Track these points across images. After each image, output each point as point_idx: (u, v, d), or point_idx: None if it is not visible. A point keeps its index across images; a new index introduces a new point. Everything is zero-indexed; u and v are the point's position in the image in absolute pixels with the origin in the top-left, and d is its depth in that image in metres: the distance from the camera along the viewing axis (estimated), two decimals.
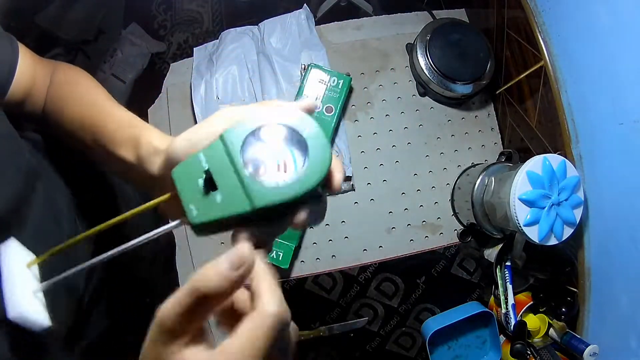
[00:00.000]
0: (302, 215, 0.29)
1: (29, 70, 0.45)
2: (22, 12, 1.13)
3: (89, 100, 0.44)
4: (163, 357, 0.25)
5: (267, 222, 0.29)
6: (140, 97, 0.78)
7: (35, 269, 0.34)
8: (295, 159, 0.28)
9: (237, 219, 0.28)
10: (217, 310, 0.27)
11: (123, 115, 0.41)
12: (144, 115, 0.84)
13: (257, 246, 0.28)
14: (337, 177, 0.30)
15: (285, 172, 0.28)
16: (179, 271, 0.78)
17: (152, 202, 0.30)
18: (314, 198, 0.30)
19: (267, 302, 0.25)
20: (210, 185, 0.28)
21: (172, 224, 0.29)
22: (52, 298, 0.36)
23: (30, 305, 0.31)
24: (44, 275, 0.34)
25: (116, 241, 0.31)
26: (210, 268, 0.25)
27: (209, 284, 0.24)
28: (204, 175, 0.28)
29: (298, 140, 0.29)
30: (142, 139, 0.37)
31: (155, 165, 0.35)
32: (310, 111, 0.31)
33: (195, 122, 0.80)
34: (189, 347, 0.26)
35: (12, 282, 0.32)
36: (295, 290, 0.82)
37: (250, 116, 0.29)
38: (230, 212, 0.27)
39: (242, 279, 0.25)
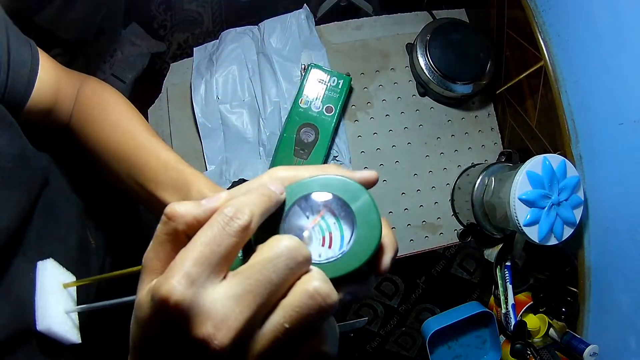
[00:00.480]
0: (339, 296, 0.24)
1: (51, 82, 0.43)
2: (22, 12, 1.13)
3: (124, 129, 0.42)
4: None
5: None
6: (140, 97, 0.78)
7: (73, 290, 0.35)
8: (344, 234, 0.26)
9: None
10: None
11: (167, 156, 0.39)
12: (144, 115, 0.84)
13: None
14: (386, 259, 0.27)
15: (329, 247, 0.26)
16: None
17: None
18: (356, 279, 0.26)
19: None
20: (249, 247, 0.25)
21: None
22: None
23: (59, 323, 0.32)
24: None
25: (134, 256, 0.30)
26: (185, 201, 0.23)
27: (177, 208, 0.23)
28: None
29: (349, 215, 0.26)
30: (193, 187, 0.36)
31: None
32: (370, 183, 0.29)
33: (195, 122, 0.80)
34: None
35: (45, 297, 0.33)
36: None
37: (303, 181, 0.27)
38: None
39: (211, 213, 0.23)
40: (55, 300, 0.33)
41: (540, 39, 0.71)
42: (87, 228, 0.47)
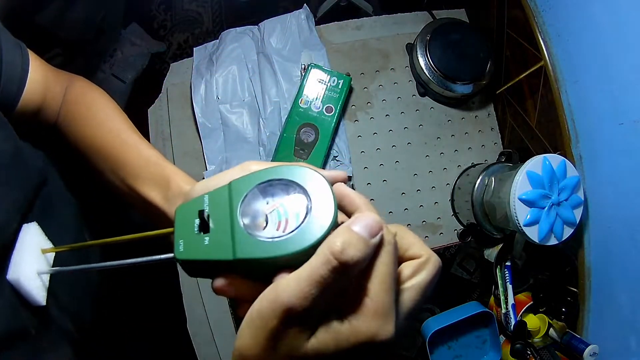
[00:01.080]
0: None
1: (41, 82, 0.44)
2: (22, 12, 1.13)
3: (109, 127, 0.43)
4: (295, 345, 0.22)
5: (251, 277, 0.28)
6: (140, 97, 0.78)
7: (50, 256, 0.36)
8: (299, 220, 0.26)
9: (222, 266, 0.27)
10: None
11: (148, 152, 0.41)
12: (144, 115, 0.84)
13: (238, 298, 0.28)
14: (336, 240, 0.25)
15: (284, 231, 0.26)
16: (180, 273, 0.78)
17: (155, 232, 0.31)
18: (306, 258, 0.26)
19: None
20: (204, 227, 0.28)
21: (164, 256, 0.29)
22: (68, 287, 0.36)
23: (30, 280, 0.33)
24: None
25: (120, 251, 0.32)
26: (343, 235, 0.23)
27: (352, 252, 0.22)
28: (199, 216, 0.28)
29: (306, 204, 0.27)
30: (172, 181, 0.37)
31: (175, 207, 0.35)
32: (341, 181, 0.30)
33: (195, 122, 0.80)
34: (328, 327, 0.23)
35: (21, 254, 0.34)
36: None
37: (267, 170, 0.29)
38: (213, 256, 0.27)
39: (375, 247, 0.23)
40: (30, 259, 0.34)
41: (540, 39, 0.71)
42: (84, 229, 0.47)
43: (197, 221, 0.28)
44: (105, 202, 0.55)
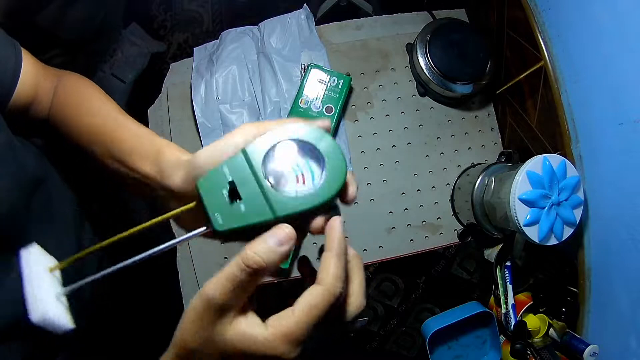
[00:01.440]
0: (318, 223, 0.31)
1: (32, 77, 0.45)
2: (22, 12, 1.13)
3: (100, 111, 0.44)
4: (217, 332, 0.28)
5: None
6: (140, 97, 0.78)
7: (57, 273, 0.35)
8: (313, 172, 0.31)
9: (260, 227, 0.30)
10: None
11: (141, 129, 0.42)
12: (144, 115, 0.84)
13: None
14: (352, 189, 0.32)
15: (304, 183, 0.30)
16: (180, 273, 0.78)
17: (176, 211, 0.32)
18: (330, 208, 0.32)
19: (336, 280, 0.28)
20: (234, 195, 0.30)
21: (199, 230, 0.31)
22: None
23: (53, 309, 0.32)
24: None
25: (128, 248, 0.32)
26: (258, 245, 0.28)
27: (261, 260, 0.27)
28: (228, 186, 0.30)
29: (316, 155, 0.31)
30: (166, 151, 0.37)
31: (177, 177, 0.35)
32: (326, 130, 0.33)
33: (195, 122, 0.80)
34: (241, 318, 0.29)
35: (34, 285, 0.32)
36: (295, 290, 0.82)
37: (271, 132, 0.31)
38: (254, 220, 0.30)
39: (286, 255, 0.29)
40: (43, 287, 0.32)
41: (540, 39, 0.71)
42: (83, 228, 0.47)
43: (226, 192, 0.30)
44: (105, 198, 0.56)
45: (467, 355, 0.84)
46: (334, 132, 0.79)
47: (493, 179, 0.73)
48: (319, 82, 0.78)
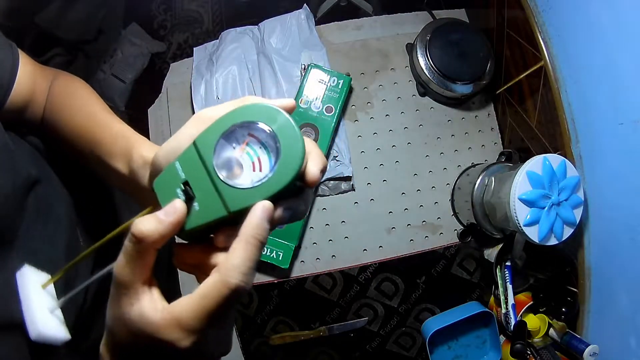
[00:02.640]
0: (278, 213, 0.28)
1: (29, 79, 0.46)
2: (22, 12, 1.13)
3: (87, 111, 0.44)
4: (122, 310, 0.27)
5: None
6: (140, 97, 0.78)
7: (51, 287, 0.36)
8: (271, 156, 0.28)
9: (219, 222, 0.28)
10: (192, 265, 0.30)
11: (118, 128, 0.41)
12: (144, 115, 0.84)
13: None
14: (313, 169, 0.28)
15: (260, 170, 0.28)
16: (180, 273, 0.78)
17: (137, 216, 0.30)
18: (292, 193, 0.29)
19: (233, 271, 0.26)
20: (189, 193, 0.28)
21: None
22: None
23: (47, 325, 0.33)
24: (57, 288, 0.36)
25: (116, 249, 0.32)
26: (147, 216, 0.27)
27: (143, 228, 0.26)
28: (182, 185, 0.28)
29: (271, 137, 0.28)
30: (134, 151, 0.37)
31: (144, 178, 0.35)
32: (289, 110, 0.30)
33: None
34: (145, 297, 0.28)
35: (29, 305, 0.34)
36: (295, 290, 0.82)
37: (221, 117, 0.29)
38: (208, 218, 0.28)
39: (173, 227, 0.27)
40: (37, 304, 0.34)
41: (540, 39, 0.71)
42: (77, 227, 0.47)
43: (179, 191, 0.28)
44: (100, 202, 0.55)
45: (467, 355, 0.84)
46: (334, 132, 0.79)
47: (493, 179, 0.73)
48: (319, 82, 0.78)
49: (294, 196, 0.29)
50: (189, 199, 0.28)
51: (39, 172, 0.43)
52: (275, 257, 0.76)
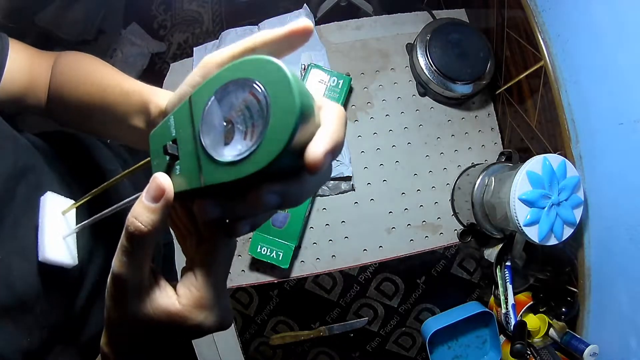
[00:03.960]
0: (261, 196, 0.22)
1: (24, 66, 0.45)
2: (22, 12, 1.13)
3: (93, 78, 0.43)
4: (132, 308, 0.26)
5: (229, 198, 0.25)
6: None
7: (72, 215, 0.38)
8: (263, 123, 0.21)
9: (198, 192, 0.25)
10: (175, 224, 0.31)
11: (129, 85, 0.40)
12: None
13: (228, 227, 0.28)
14: (314, 148, 0.21)
15: (251, 139, 0.22)
16: (179, 271, 0.78)
17: (136, 165, 0.30)
18: (284, 174, 0.23)
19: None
20: (174, 153, 0.25)
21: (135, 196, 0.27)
22: (47, 293, 0.37)
23: (55, 249, 0.36)
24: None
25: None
26: (135, 206, 0.25)
27: (139, 223, 0.25)
28: (170, 142, 0.26)
29: (265, 102, 0.22)
30: (151, 104, 0.36)
31: None
32: (300, 34, 0.25)
33: None
34: (156, 291, 0.27)
35: (43, 228, 0.36)
36: (295, 290, 0.82)
37: (221, 71, 0.24)
38: (184, 187, 0.25)
39: (167, 209, 0.25)
40: (52, 229, 0.36)
41: (540, 39, 0.71)
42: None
43: (168, 146, 0.26)
44: (93, 181, 0.55)
45: (467, 355, 0.84)
46: None
47: (493, 179, 0.73)
48: (319, 82, 0.78)
49: (286, 178, 0.23)
50: (173, 159, 0.25)
51: (32, 162, 0.43)
52: (275, 257, 0.76)
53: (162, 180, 0.25)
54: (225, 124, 0.23)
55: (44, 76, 0.47)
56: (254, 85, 0.22)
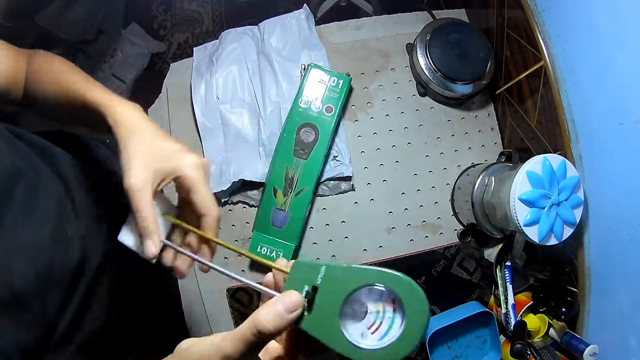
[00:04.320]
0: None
1: (10, 64, 0.49)
2: (22, 12, 1.13)
3: (61, 83, 0.49)
4: None
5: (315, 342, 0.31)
6: (140, 97, 0.77)
7: (168, 222, 0.43)
8: (392, 327, 0.30)
9: (311, 337, 0.31)
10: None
11: (90, 98, 0.45)
12: None
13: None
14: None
15: (373, 333, 0.30)
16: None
17: (272, 265, 0.35)
18: None
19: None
20: (312, 298, 0.31)
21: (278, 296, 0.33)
22: (41, 291, 0.37)
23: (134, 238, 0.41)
24: None
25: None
26: (269, 310, 0.30)
27: (268, 325, 0.29)
28: (312, 286, 0.32)
29: (399, 307, 0.30)
30: (108, 118, 0.43)
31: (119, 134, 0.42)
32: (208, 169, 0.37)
33: (195, 122, 0.80)
34: None
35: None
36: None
37: (380, 273, 0.31)
38: (313, 333, 0.31)
39: (291, 324, 0.30)
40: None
41: (540, 39, 0.71)
42: (66, 218, 0.47)
43: (307, 288, 0.32)
44: (92, 192, 0.56)
45: (467, 355, 0.84)
46: (334, 132, 0.79)
47: (493, 179, 0.73)
48: (319, 82, 0.78)
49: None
50: (308, 301, 0.31)
51: (28, 165, 0.43)
52: (275, 257, 0.76)
53: (300, 301, 0.31)
54: (362, 309, 0.31)
55: (22, 72, 0.51)
56: (397, 298, 0.30)
